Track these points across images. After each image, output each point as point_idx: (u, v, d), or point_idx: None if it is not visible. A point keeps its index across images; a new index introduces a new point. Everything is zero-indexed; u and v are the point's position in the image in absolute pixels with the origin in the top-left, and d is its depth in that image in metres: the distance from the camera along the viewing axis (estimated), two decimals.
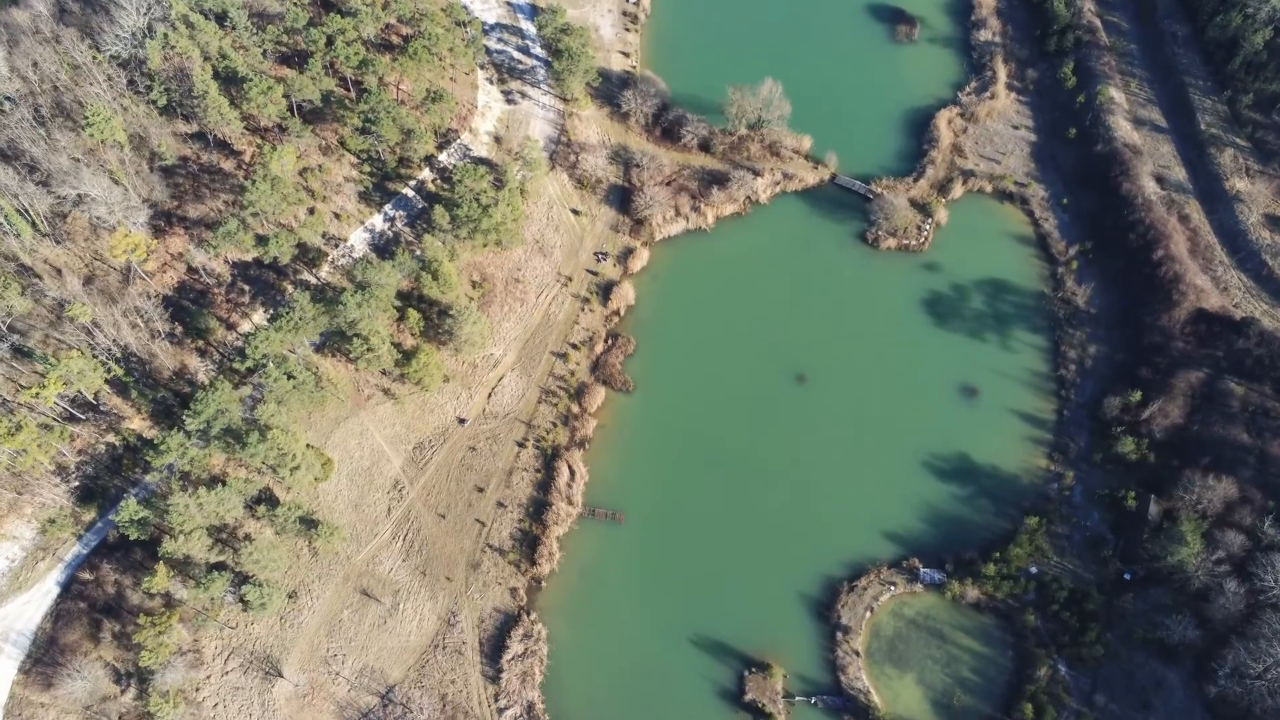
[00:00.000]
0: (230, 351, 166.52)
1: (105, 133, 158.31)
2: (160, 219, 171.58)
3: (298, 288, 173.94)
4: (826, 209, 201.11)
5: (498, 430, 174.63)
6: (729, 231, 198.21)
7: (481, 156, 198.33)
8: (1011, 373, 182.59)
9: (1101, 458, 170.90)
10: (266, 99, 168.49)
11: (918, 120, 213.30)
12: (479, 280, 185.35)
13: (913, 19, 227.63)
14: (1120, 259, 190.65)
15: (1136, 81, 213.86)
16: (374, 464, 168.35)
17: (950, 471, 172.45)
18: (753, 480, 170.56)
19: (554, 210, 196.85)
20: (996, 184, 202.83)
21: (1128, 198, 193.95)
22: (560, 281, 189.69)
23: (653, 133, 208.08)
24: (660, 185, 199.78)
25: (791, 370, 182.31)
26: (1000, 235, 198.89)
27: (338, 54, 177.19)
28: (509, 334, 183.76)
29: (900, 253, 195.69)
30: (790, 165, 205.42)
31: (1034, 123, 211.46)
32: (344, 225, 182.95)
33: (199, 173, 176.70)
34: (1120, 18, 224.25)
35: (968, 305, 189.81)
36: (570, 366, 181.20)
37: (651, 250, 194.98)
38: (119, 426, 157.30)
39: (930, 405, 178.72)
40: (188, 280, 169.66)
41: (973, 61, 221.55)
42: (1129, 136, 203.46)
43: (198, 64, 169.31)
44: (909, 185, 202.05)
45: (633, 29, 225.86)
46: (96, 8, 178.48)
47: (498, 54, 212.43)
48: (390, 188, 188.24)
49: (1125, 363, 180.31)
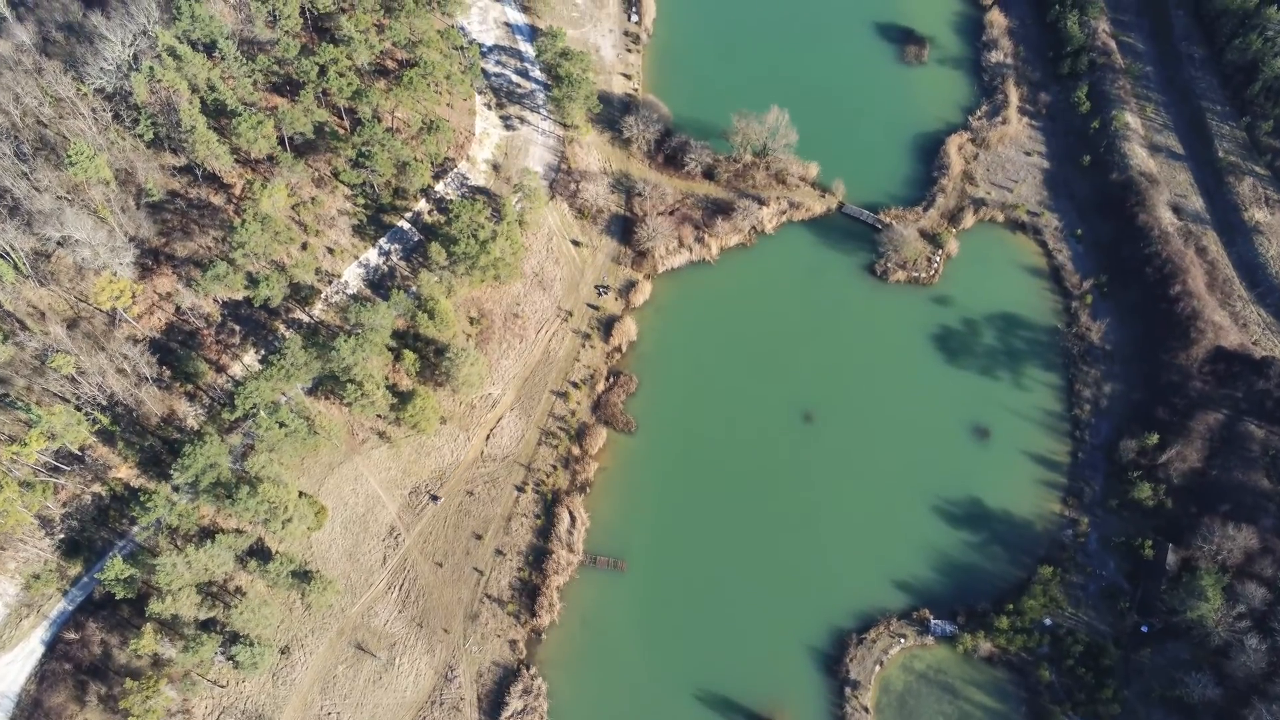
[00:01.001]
0: (220, 395, 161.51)
1: (89, 171, 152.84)
2: (148, 257, 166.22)
3: (290, 328, 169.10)
4: (834, 239, 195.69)
5: (496, 474, 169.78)
6: (734, 263, 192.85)
7: (479, 186, 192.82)
8: (1024, 412, 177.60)
9: (1117, 503, 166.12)
10: (256, 133, 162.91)
11: (927, 146, 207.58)
12: (476, 316, 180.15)
13: (922, 39, 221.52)
14: (1136, 293, 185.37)
15: (1152, 106, 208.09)
16: (369, 510, 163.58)
17: (962, 517, 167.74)
18: (758, 526, 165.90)
19: (554, 241, 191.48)
20: (1008, 213, 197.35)
21: (1144, 229, 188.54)
22: (560, 316, 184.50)
23: (655, 159, 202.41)
24: (663, 215, 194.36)
25: (798, 409, 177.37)
26: (1012, 267, 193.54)
27: (330, 84, 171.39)
28: (508, 372, 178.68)
29: (910, 285, 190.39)
30: (796, 193, 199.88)
31: (1047, 149, 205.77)
32: (338, 260, 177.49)
33: (187, 208, 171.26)
34: (1136, 38, 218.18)
35: (979, 341, 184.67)
36: (571, 406, 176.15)
37: (654, 283, 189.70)
38: (105, 476, 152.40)
39: (941, 446, 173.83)
40: (176, 321, 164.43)
41: (984, 84, 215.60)
42: (1145, 164, 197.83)
43: (185, 97, 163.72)
44: (918, 215, 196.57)
45: (634, 49, 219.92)
46: (81, 36, 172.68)
47: (496, 77, 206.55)
48: (385, 220, 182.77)
49: (1141, 402, 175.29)
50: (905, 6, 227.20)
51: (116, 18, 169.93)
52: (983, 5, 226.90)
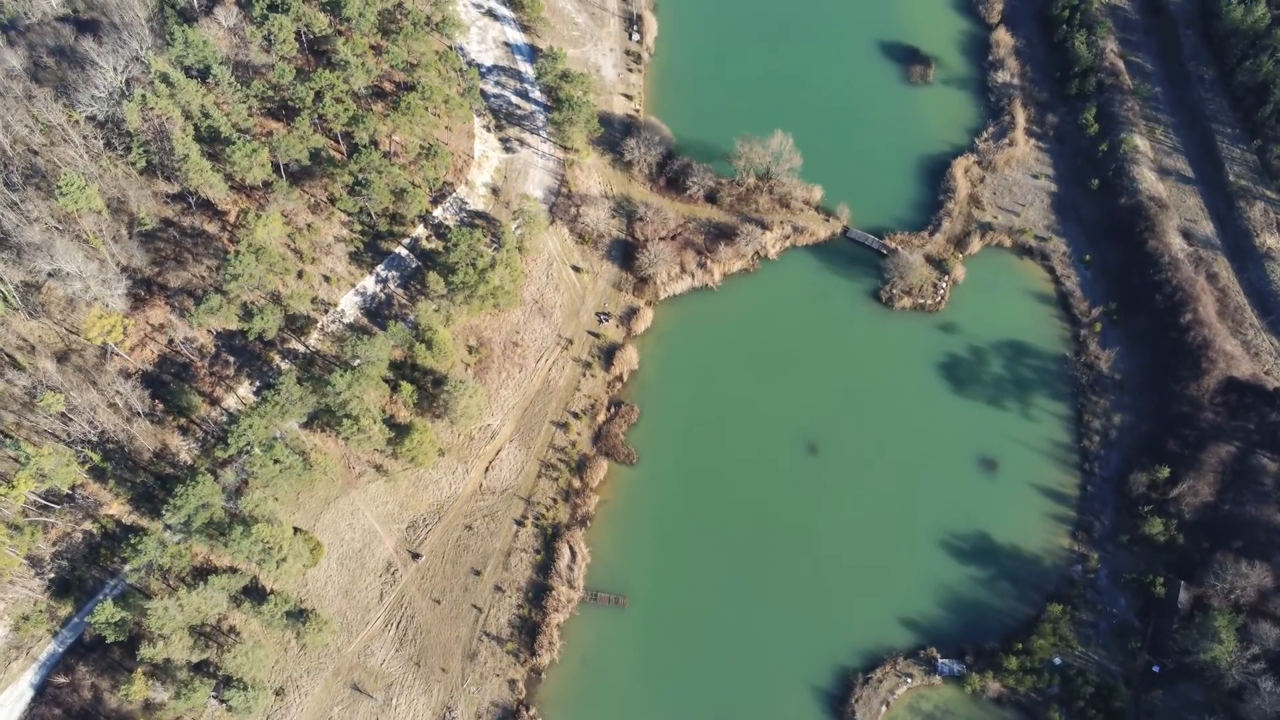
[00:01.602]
0: (214, 428, 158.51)
1: (80, 203, 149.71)
2: (140, 287, 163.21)
3: (285, 359, 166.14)
4: (838, 265, 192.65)
5: (495, 507, 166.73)
6: (737, 289, 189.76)
7: (478, 210, 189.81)
8: (1032, 443, 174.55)
9: (1128, 539, 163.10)
10: (251, 161, 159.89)
11: (933, 168, 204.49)
12: (475, 345, 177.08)
13: (928, 59, 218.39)
14: (1146, 321, 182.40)
15: (1161, 128, 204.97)
16: (366, 545, 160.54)
17: (969, 552, 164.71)
18: (761, 561, 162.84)
19: (554, 267, 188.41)
20: (1016, 238, 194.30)
21: (1153, 255, 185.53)
22: (560, 345, 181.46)
23: (657, 183, 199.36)
24: (665, 240, 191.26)
25: (803, 440, 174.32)
26: (1020, 293, 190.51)
27: (326, 110, 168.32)
28: (507, 402, 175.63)
29: (915, 312, 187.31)
30: (800, 217, 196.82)
31: (1054, 171, 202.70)
32: (334, 288, 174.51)
33: (181, 237, 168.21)
34: (1144, 58, 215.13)
35: (986, 369, 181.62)
36: (571, 437, 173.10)
37: (656, 310, 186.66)
38: (96, 513, 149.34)
39: (948, 479, 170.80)
40: (169, 353, 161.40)
41: (990, 105, 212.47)
42: (1154, 188, 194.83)
43: (178, 125, 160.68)
44: (924, 239, 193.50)
45: (636, 69, 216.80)
46: (73, 61, 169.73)
47: (495, 99, 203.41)
48: (383, 247, 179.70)
49: (1152, 434, 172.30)
50: (910, 25, 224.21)
51: (109, 43, 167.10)
52: (989, 24, 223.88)
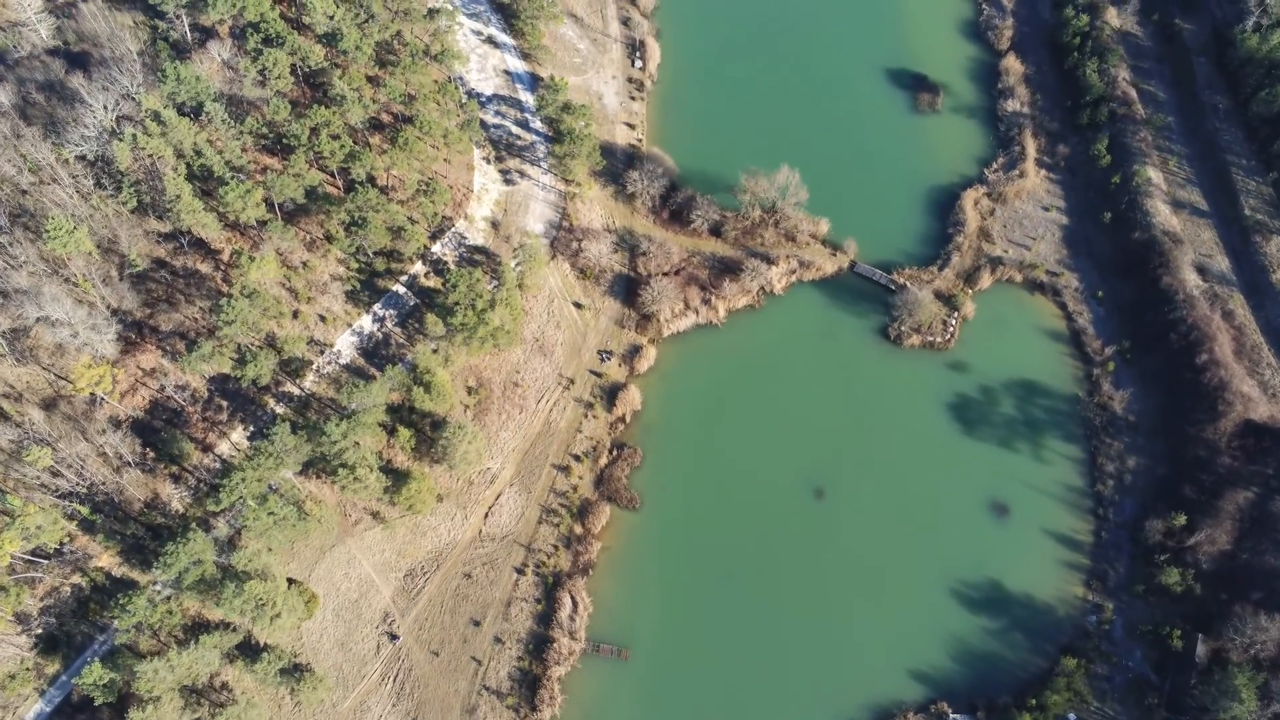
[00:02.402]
0: (206, 476, 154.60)
1: (68, 246, 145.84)
2: (131, 330, 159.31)
3: (280, 402, 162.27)
4: (846, 301, 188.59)
5: (495, 555, 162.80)
6: (742, 326, 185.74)
7: (478, 245, 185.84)
8: (1045, 488, 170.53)
9: (1144, 589, 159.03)
10: (245, 202, 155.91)
11: (942, 200, 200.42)
12: (475, 386, 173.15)
13: (935, 87, 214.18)
14: (1160, 360, 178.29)
15: (1175, 159, 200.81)
16: (362, 595, 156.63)
17: (980, 601, 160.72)
18: (767, 611, 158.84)
19: (555, 304, 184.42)
20: (1027, 273, 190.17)
21: (1167, 292, 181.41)
22: (562, 384, 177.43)
23: (660, 215, 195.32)
24: (668, 275, 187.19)
25: (809, 483, 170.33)
26: (1031, 331, 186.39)
27: (322, 148, 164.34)
28: (507, 444, 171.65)
29: (924, 350, 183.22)
30: (807, 251, 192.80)
31: (1066, 204, 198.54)
32: (330, 328, 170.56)
33: (173, 277, 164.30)
34: (1156, 86, 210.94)
35: (997, 410, 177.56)
36: (573, 481, 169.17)
37: (659, 348, 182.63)
38: (86, 566, 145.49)
39: (958, 524, 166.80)
40: (160, 398, 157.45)
41: (1000, 134, 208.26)
42: (1168, 222, 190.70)
43: (170, 164, 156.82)
44: (933, 275, 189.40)
45: (638, 97, 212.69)
46: (63, 97, 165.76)
47: (495, 129, 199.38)
48: (380, 285, 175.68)
49: (1167, 478, 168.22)
50: (918, 51, 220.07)
51: (99, 78, 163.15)
52: (998, 50, 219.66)
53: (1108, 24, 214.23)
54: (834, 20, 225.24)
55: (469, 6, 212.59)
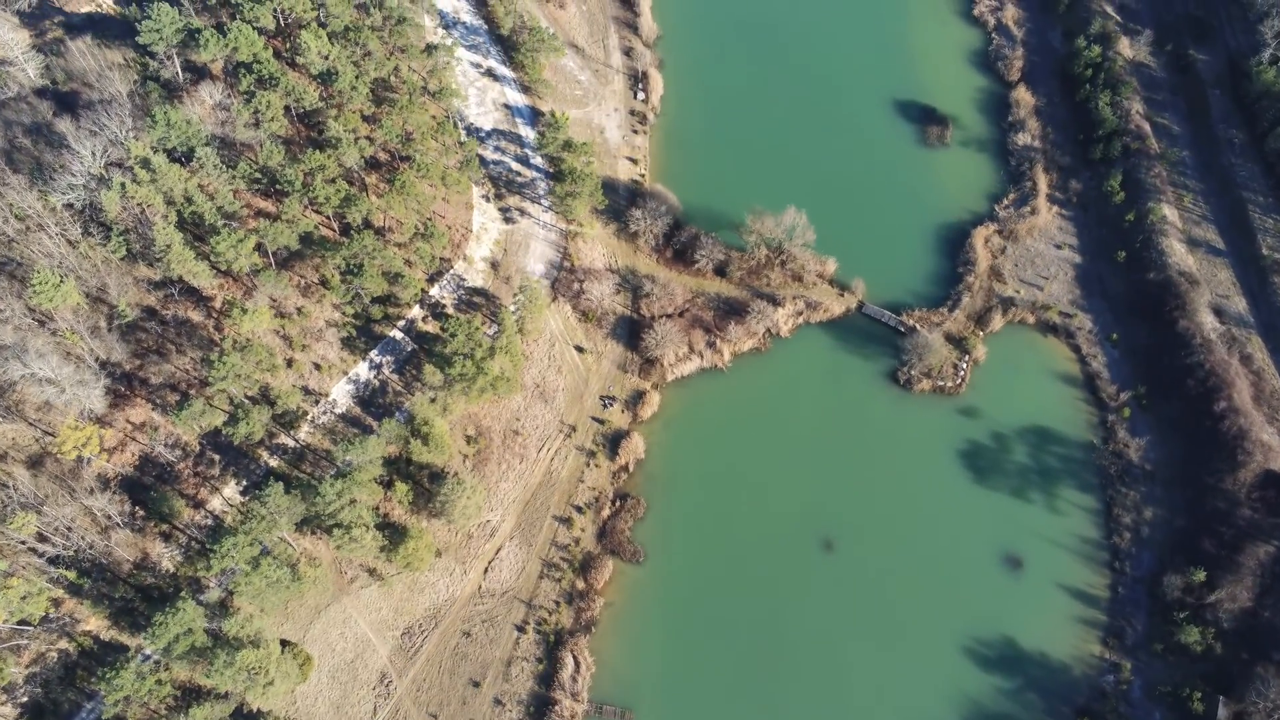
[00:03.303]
0: (198, 533, 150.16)
1: (55, 300, 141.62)
2: (120, 383, 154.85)
3: (274, 454, 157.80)
4: (854, 343, 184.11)
5: (495, 612, 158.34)
6: (747, 370, 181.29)
7: (477, 287, 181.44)
8: (1059, 539, 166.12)
9: (1163, 647, 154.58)
10: (237, 251, 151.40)
11: (952, 237, 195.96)
12: (474, 435, 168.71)
13: (944, 119, 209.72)
14: (1177, 407, 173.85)
15: (1190, 195, 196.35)
16: (358, 655, 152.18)
17: (994, 659, 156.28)
18: (775, 669, 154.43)
19: (556, 348, 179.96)
20: (1039, 314, 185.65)
21: (1184, 336, 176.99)
22: (563, 432, 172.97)
23: (663, 254, 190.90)
24: (672, 317, 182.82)
25: (818, 535, 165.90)
26: (1044, 375, 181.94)
27: (317, 194, 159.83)
28: (507, 495, 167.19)
29: (935, 395, 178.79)
30: (814, 292, 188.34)
31: (1079, 242, 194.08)
32: (325, 377, 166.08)
33: (163, 326, 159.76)
34: (1170, 119, 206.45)
35: (1009, 458, 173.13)
36: (575, 534, 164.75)
37: (663, 393, 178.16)
38: (73, 631, 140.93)
39: (971, 578, 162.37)
40: (149, 453, 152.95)
41: (1010, 169, 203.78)
42: (1184, 262, 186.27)
43: (160, 212, 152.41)
44: (943, 316, 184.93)
45: (641, 130, 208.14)
46: (51, 141, 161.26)
47: (495, 165, 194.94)
48: (376, 330, 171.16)
49: (1186, 530, 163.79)
50: (926, 82, 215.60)
51: (87, 122, 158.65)
52: (1008, 82, 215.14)
53: (1120, 55, 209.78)
54: (840, 50, 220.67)
55: (468, 38, 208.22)
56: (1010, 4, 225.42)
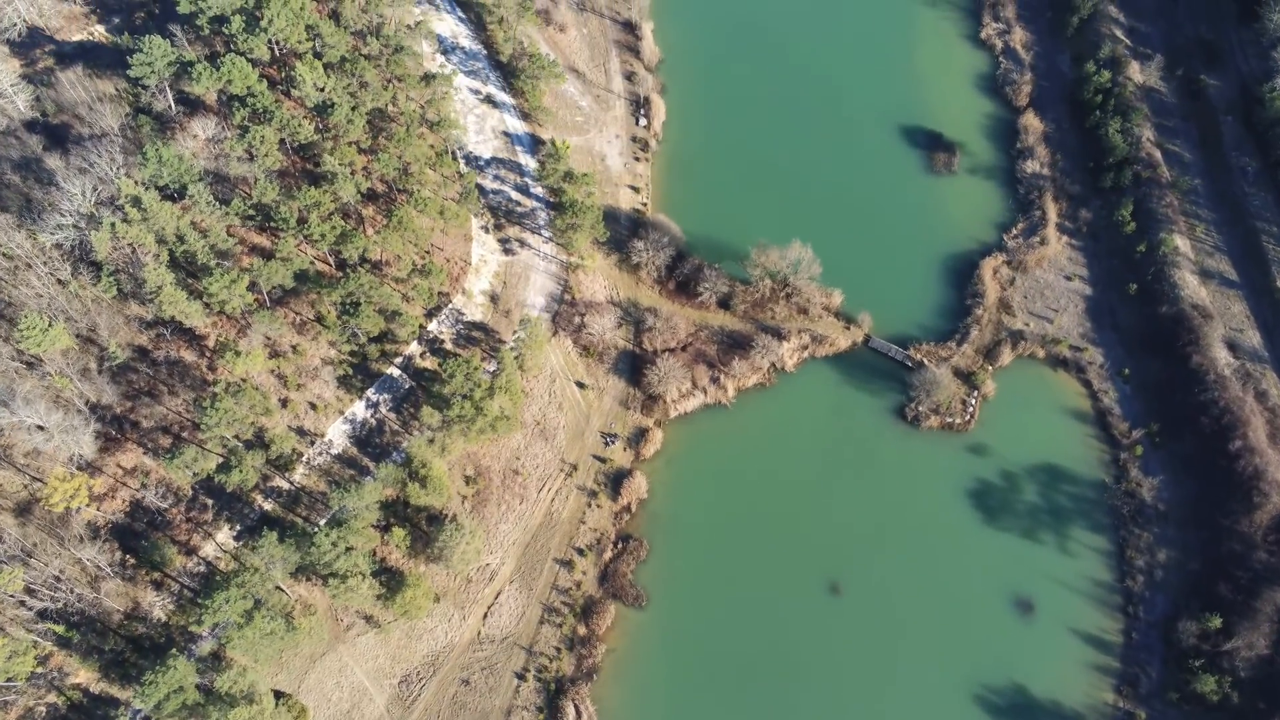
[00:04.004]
0: (190, 581, 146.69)
1: (43, 345, 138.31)
2: (111, 425, 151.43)
3: (268, 498, 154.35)
4: (860, 378, 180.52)
5: (494, 659, 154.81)
6: (752, 406, 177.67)
7: (476, 321, 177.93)
8: (1071, 582, 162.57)
9: (1178, 695, 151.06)
10: (230, 292, 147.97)
11: (959, 268, 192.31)
12: (473, 475, 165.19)
13: (951, 145, 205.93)
14: (1191, 445, 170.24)
15: (1202, 225, 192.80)
16: (355, 706, 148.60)
17: (1005, 707, 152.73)
18: (780, 716, 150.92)
19: (557, 384, 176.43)
20: (1049, 349, 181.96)
21: (1197, 372, 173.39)
22: (564, 471, 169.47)
23: (666, 286, 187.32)
24: (675, 352, 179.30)
25: (824, 577, 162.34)
26: (1054, 411, 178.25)
27: (312, 231, 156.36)
28: (507, 537, 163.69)
29: (943, 432, 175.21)
30: (819, 325, 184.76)
31: (1089, 273, 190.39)
32: (321, 417, 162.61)
33: (155, 367, 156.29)
34: (1182, 147, 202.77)
35: (1019, 497, 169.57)
36: (576, 577, 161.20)
37: (666, 430, 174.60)
38: (62, 684, 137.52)
39: (981, 623, 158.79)
40: (140, 498, 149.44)
41: (1019, 197, 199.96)
42: (1196, 294, 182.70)
43: (151, 252, 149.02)
44: (951, 350, 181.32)
45: (643, 157, 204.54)
46: (40, 178, 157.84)
47: (494, 194, 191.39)
48: (373, 368, 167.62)
49: (1200, 574, 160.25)
50: (932, 107, 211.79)
51: (77, 158, 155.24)
52: (1016, 107, 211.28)
53: (1130, 80, 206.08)
54: (846, 75, 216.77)
55: (467, 64, 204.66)
56: (1018, 27, 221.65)
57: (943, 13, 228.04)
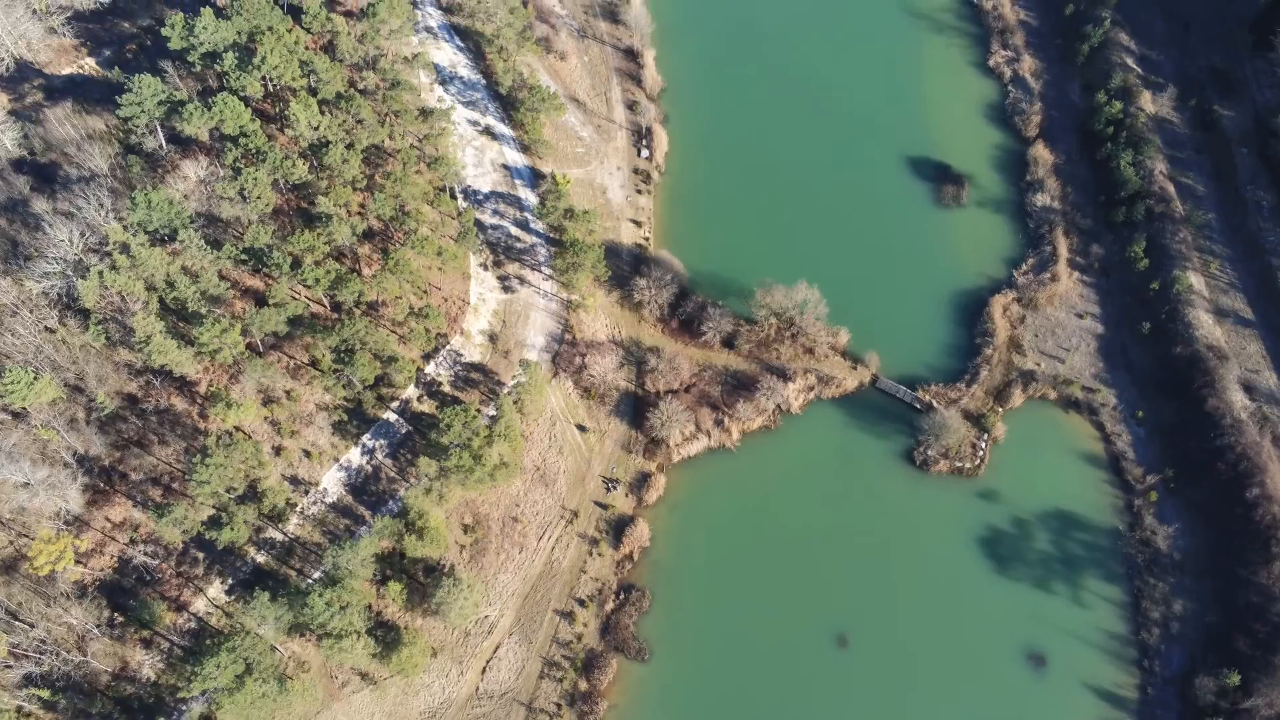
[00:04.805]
0: (180, 639, 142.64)
1: (28, 399, 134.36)
2: (99, 477, 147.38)
3: (260, 550, 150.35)
4: (868, 420, 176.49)
5: (493, 715, 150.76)
6: (756, 450, 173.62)
7: (474, 362, 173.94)
8: (1085, 634, 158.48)
9: None
10: (221, 341, 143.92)
11: (968, 305, 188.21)
12: (471, 524, 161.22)
13: (960, 177, 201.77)
14: (1207, 491, 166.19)
15: (1217, 262, 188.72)
16: None
17: None
18: None
19: (557, 428, 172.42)
20: (1061, 390, 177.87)
21: (1213, 416, 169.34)
22: (565, 518, 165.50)
23: (669, 324, 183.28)
24: (678, 393, 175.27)
25: (831, 629, 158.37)
26: (1066, 455, 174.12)
27: (305, 276, 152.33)
28: (506, 588, 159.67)
29: (953, 477, 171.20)
30: (825, 365, 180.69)
31: (1101, 310, 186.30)
32: (315, 465, 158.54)
33: (145, 415, 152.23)
34: (1196, 180, 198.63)
35: (1031, 545, 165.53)
36: (577, 629, 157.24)
37: (668, 475, 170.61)
38: None
39: (992, 677, 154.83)
40: (129, 553, 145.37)
41: (1029, 231, 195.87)
42: (1211, 334, 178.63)
43: (140, 300, 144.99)
44: (961, 391, 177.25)
45: (645, 189, 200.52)
46: (26, 221, 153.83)
47: (493, 230, 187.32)
48: (369, 413, 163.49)
49: (1218, 627, 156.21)
50: (940, 138, 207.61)
51: (63, 204, 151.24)
52: (1025, 138, 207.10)
53: (1142, 110, 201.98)
54: (851, 104, 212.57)
55: (465, 94, 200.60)
56: (1027, 55, 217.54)
57: (950, 39, 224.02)
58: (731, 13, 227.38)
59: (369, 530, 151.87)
